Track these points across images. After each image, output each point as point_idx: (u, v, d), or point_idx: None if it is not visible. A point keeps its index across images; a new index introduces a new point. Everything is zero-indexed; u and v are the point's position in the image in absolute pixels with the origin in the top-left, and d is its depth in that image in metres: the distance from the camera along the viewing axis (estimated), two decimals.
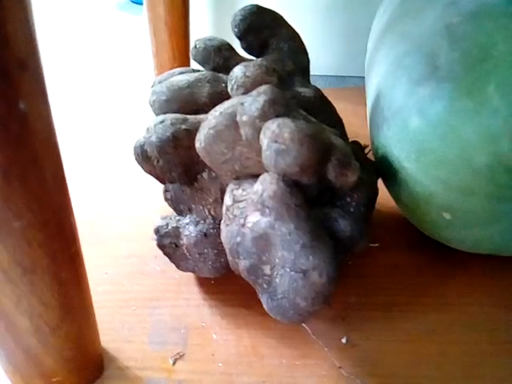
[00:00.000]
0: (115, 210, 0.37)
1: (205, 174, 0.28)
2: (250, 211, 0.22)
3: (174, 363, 0.25)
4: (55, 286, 0.19)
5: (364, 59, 0.44)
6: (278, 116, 0.22)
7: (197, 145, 0.25)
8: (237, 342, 0.27)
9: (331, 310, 0.28)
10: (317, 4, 0.58)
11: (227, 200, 0.24)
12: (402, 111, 0.28)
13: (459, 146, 0.25)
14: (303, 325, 0.27)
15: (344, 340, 0.27)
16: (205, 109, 0.31)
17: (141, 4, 0.91)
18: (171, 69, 0.51)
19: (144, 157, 0.29)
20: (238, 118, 0.23)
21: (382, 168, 0.30)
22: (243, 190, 0.24)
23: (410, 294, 0.29)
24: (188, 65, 0.53)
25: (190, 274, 0.31)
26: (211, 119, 0.24)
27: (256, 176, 0.24)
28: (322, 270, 0.21)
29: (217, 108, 0.25)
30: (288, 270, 0.21)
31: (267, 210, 0.21)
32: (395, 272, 0.31)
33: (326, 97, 0.33)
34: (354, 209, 0.24)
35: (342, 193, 0.25)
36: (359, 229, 0.23)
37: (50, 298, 0.19)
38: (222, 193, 0.28)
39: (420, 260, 0.32)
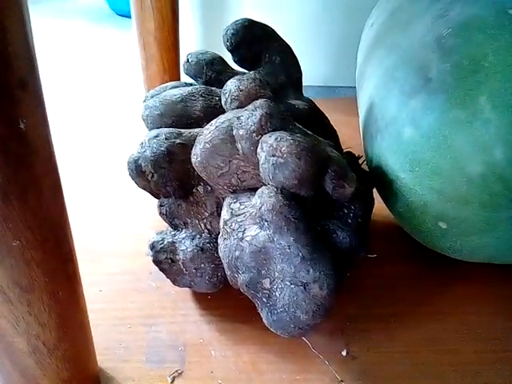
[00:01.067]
0: (107, 226, 0.36)
1: (200, 188, 0.28)
2: (249, 225, 0.22)
3: (173, 381, 0.25)
4: (53, 305, 0.19)
5: (354, 70, 0.45)
6: (274, 130, 0.22)
7: (193, 159, 0.25)
8: (236, 358, 0.26)
9: (330, 323, 0.28)
10: (308, 17, 0.59)
11: (225, 214, 0.24)
12: (395, 122, 0.29)
13: (452, 156, 0.25)
14: (303, 338, 0.27)
15: (344, 353, 0.26)
16: (199, 122, 0.31)
17: (126, 16, 0.90)
18: (161, 82, 0.51)
19: (138, 172, 0.28)
20: (234, 132, 0.23)
21: (377, 178, 0.31)
22: (241, 203, 0.24)
23: (408, 303, 0.29)
24: (178, 78, 0.53)
25: (187, 290, 0.30)
26: (207, 133, 0.24)
27: (253, 189, 0.24)
28: (322, 283, 0.21)
29: (212, 122, 0.25)
30: (288, 283, 0.21)
31: (266, 224, 0.21)
32: (392, 282, 0.31)
33: (319, 109, 0.34)
34: (351, 220, 0.24)
35: (339, 204, 0.25)
36: (357, 240, 0.23)
37: (48, 318, 0.19)
38: (218, 206, 0.28)
39: (416, 270, 0.32)
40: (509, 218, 0.26)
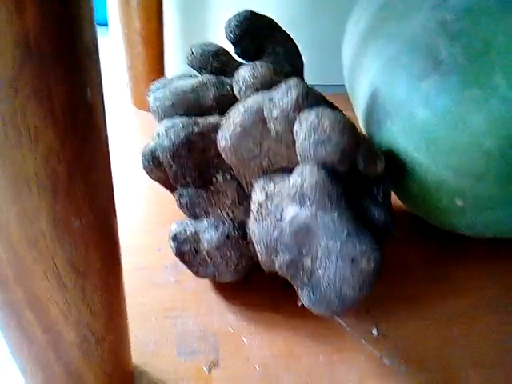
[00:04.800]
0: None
1: (219, 177, 0.28)
2: (287, 205, 0.22)
3: (210, 371, 0.24)
4: (104, 292, 0.18)
5: (330, 68, 0.45)
6: (310, 107, 0.22)
7: (222, 144, 0.25)
8: (269, 344, 0.26)
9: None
10: (281, 16, 0.60)
11: (259, 196, 0.24)
12: (406, 105, 0.29)
13: (470, 133, 0.26)
14: (336, 320, 0.27)
15: (375, 332, 0.27)
16: (211, 112, 0.30)
17: (103, 25, 0.88)
18: (147, 81, 0.50)
19: (155, 163, 0.28)
20: (266, 114, 0.23)
21: (386, 163, 0.31)
22: (275, 184, 0.23)
23: (426, 283, 0.30)
24: (163, 76, 0.53)
25: (206, 282, 0.30)
26: (236, 117, 0.24)
27: (284, 170, 0.24)
28: (369, 256, 0.21)
29: (238, 106, 0.25)
30: (334, 259, 0.21)
31: (307, 201, 0.21)
32: (408, 264, 0.32)
33: (324, 96, 0.34)
34: (381, 198, 0.25)
35: (368, 184, 0.25)
36: (390, 216, 0.24)
37: (99, 306, 0.18)
38: (239, 195, 0.28)
39: (429, 251, 0.33)
40: None
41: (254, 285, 0.30)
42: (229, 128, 0.24)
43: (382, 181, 0.25)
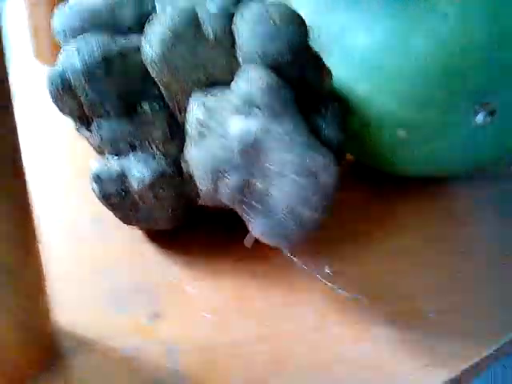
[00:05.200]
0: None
1: (145, 106, 0.24)
2: (233, 118, 0.19)
3: (150, 324, 0.21)
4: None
5: None
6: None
7: (149, 55, 0.21)
8: (218, 290, 0.23)
9: (304, 245, 0.26)
10: None
11: (197, 113, 0.20)
12: (344, 33, 0.27)
13: (412, 55, 0.25)
14: (289, 257, 0.24)
15: (328, 270, 0.24)
16: (129, 34, 0.26)
17: None
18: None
19: (66, 89, 0.23)
20: (200, 12, 0.19)
21: None
22: (215, 96, 0.20)
23: (369, 223, 0.28)
24: None
25: (139, 232, 0.26)
26: (165, 20, 0.20)
27: (225, 83, 0.21)
28: (331, 171, 0.18)
29: (165, 8, 0.21)
30: (290, 176, 0.18)
31: (257, 111, 0.18)
32: (348, 206, 0.29)
33: None
34: (332, 119, 0.22)
35: (317, 102, 0.22)
36: (344, 137, 0.21)
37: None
38: (171, 126, 0.24)
39: (368, 194, 0.30)
40: (465, 121, 0.26)
41: (196, 230, 0.26)
42: (157, 35, 0.20)
43: (332, 103, 0.22)
